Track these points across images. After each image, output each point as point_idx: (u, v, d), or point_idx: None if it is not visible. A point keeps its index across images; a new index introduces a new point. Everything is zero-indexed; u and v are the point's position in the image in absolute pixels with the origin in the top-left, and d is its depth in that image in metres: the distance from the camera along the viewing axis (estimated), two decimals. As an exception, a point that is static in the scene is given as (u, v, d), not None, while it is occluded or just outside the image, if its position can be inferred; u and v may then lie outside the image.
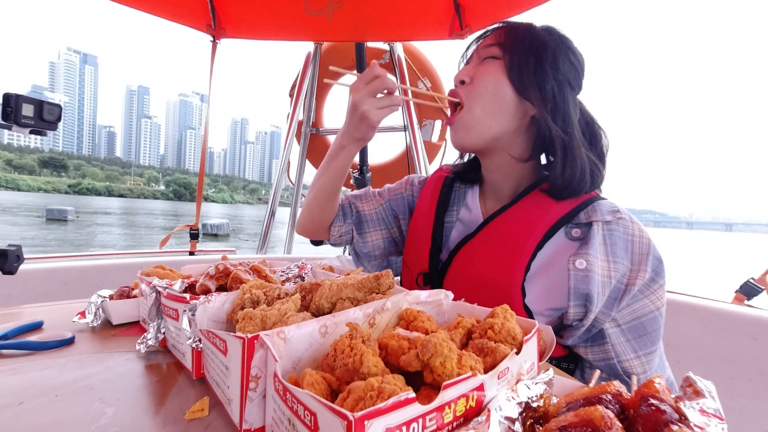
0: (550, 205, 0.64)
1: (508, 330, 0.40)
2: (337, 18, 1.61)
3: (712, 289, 1.20)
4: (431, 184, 0.82)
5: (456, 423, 0.29)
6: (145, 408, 0.42)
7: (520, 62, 0.64)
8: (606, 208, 0.62)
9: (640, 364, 0.59)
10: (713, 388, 0.30)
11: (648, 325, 0.59)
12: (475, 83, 0.66)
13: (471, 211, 0.75)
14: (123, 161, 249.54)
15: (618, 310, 0.59)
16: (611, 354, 0.59)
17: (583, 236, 0.61)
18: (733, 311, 1.00)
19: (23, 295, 1.23)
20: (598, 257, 0.58)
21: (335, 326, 0.40)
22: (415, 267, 0.76)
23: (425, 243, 0.75)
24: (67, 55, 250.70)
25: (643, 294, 0.59)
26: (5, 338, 0.59)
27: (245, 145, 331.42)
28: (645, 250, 0.60)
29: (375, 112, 0.66)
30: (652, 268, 0.59)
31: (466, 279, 0.67)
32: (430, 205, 0.78)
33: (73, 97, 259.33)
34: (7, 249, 0.72)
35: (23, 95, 0.72)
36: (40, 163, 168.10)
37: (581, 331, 0.59)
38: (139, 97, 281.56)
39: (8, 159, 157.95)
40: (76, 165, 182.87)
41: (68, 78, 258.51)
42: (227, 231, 22.79)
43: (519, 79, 0.63)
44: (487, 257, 0.65)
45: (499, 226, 0.67)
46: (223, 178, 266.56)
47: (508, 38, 0.66)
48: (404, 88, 0.79)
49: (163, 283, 0.57)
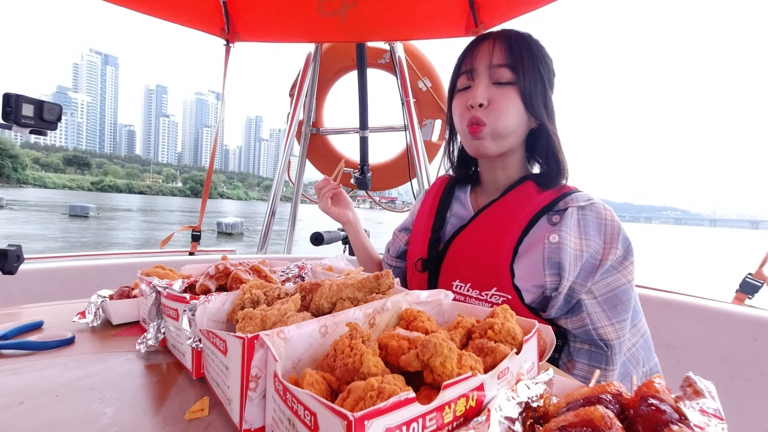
0: (533, 196, 0.74)
1: (508, 330, 0.40)
2: (350, 19, 1.61)
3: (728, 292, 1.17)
4: (434, 188, 0.92)
5: (456, 423, 0.29)
6: (145, 408, 0.42)
7: (532, 86, 0.72)
8: (582, 197, 0.71)
9: (613, 330, 0.65)
10: (713, 388, 0.30)
11: (621, 296, 0.66)
12: (494, 105, 0.72)
13: (464, 206, 0.84)
14: (143, 159, 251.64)
15: (593, 282, 0.66)
16: (587, 322, 0.65)
17: (561, 220, 0.69)
18: (733, 311, 1.00)
19: (23, 295, 1.23)
20: (570, 234, 0.67)
21: (335, 326, 0.40)
22: (415, 255, 0.83)
23: (426, 234, 0.83)
24: (90, 56, 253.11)
25: (616, 269, 0.67)
26: (5, 338, 0.59)
27: (259, 142, 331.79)
28: (616, 231, 0.68)
29: (322, 207, 0.99)
30: (623, 247, 0.68)
31: (460, 264, 0.75)
32: (432, 204, 0.87)
33: (95, 97, 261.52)
34: (7, 249, 0.72)
35: (23, 95, 0.72)
36: (65, 161, 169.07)
37: (560, 301, 0.66)
38: (158, 97, 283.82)
39: (36, 157, 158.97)
40: (98, 163, 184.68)
41: (90, 79, 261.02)
42: (241, 230, 23.20)
43: (531, 104, 0.72)
44: (479, 243, 0.74)
45: (489, 216, 0.76)
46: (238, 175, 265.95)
47: (518, 60, 0.72)
48: (333, 180, 1.03)
49: (163, 283, 0.57)
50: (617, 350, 0.65)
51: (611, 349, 0.65)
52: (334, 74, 2.22)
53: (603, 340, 0.65)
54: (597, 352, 0.66)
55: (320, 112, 2.27)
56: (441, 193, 0.88)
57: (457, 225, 0.81)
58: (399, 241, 0.96)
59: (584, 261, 0.67)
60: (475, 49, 0.75)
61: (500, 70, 0.72)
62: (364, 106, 2.01)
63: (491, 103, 0.72)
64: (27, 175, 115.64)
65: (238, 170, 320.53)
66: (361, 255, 1.03)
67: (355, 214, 1.04)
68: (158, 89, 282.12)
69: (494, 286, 0.69)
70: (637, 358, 0.68)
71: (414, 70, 2.05)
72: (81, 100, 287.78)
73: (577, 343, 0.67)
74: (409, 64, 2.01)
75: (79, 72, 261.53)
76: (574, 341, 0.68)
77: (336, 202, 1.03)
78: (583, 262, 0.66)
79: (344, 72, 2.21)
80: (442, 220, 0.83)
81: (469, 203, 0.83)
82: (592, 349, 0.66)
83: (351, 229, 1.03)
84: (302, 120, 2.13)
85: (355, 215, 1.04)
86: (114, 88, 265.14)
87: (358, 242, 1.03)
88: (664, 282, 3.53)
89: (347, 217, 1.02)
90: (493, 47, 0.73)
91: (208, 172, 1.88)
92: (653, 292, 1.13)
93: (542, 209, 0.71)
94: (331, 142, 2.34)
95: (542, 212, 0.71)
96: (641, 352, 0.68)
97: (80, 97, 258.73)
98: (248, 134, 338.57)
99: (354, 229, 1.03)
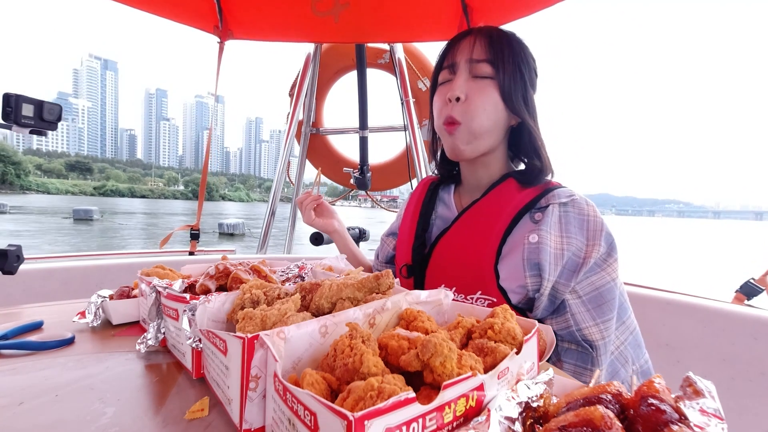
0: (514, 195, 0.73)
1: (508, 330, 0.40)
2: (343, 19, 1.61)
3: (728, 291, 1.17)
4: (417, 190, 0.91)
5: (456, 423, 0.29)
6: (145, 408, 0.42)
7: (511, 82, 0.70)
8: (563, 193, 0.70)
9: (598, 331, 0.64)
10: (713, 388, 0.30)
11: (606, 294, 0.65)
12: (471, 102, 0.71)
13: (448, 208, 0.83)
14: (144, 163, 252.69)
15: (576, 281, 0.65)
16: (571, 323, 0.64)
17: (542, 219, 0.68)
18: (733, 311, 1.00)
19: (23, 295, 1.23)
20: (551, 233, 0.66)
21: (335, 326, 0.40)
22: (401, 260, 0.83)
23: (410, 238, 0.82)
24: (89, 61, 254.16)
25: (600, 267, 0.66)
26: (5, 338, 0.59)
27: (260, 143, 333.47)
28: (599, 228, 0.67)
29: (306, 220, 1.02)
30: (606, 244, 0.66)
31: (445, 267, 0.74)
32: (415, 207, 0.87)
33: (95, 102, 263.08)
34: (7, 249, 0.72)
35: (23, 95, 0.72)
36: (67, 166, 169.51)
37: (543, 301, 0.65)
38: (158, 100, 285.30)
39: (38, 164, 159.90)
40: (100, 168, 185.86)
41: (91, 84, 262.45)
42: (243, 230, 23.16)
43: (510, 99, 0.71)
44: (462, 246, 0.73)
45: (471, 217, 0.75)
46: (239, 177, 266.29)
47: (498, 56, 0.71)
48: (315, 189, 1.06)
49: (163, 283, 0.57)
50: (602, 351, 0.64)
51: (596, 350, 0.63)
52: (334, 74, 2.22)
53: (587, 341, 0.64)
54: (584, 353, 0.65)
55: (320, 112, 2.27)
56: (424, 196, 0.87)
57: (441, 227, 0.79)
58: (387, 246, 0.96)
59: (566, 260, 0.66)
60: (457, 44, 0.75)
61: (480, 64, 0.71)
62: (364, 106, 2.02)
63: (468, 99, 0.71)
64: (30, 182, 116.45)
65: (239, 172, 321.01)
66: (351, 263, 1.03)
67: (341, 222, 1.05)
68: (158, 93, 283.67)
69: (479, 290, 0.68)
70: (626, 356, 0.67)
71: (414, 70, 2.05)
72: (82, 105, 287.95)
73: (564, 342, 0.67)
74: (408, 64, 2.01)
75: (79, 77, 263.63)
76: (562, 341, 0.67)
77: (320, 213, 1.04)
78: (564, 261, 0.65)
79: (344, 72, 2.21)
80: (426, 223, 0.82)
81: (453, 204, 0.82)
82: (579, 349, 0.65)
83: (338, 238, 1.04)
84: (302, 120, 2.13)
85: (341, 224, 1.05)
86: (114, 92, 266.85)
87: (346, 250, 1.04)
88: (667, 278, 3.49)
89: (333, 226, 1.02)
90: (474, 42, 0.72)
91: (203, 170, 1.88)
92: (653, 292, 1.13)
93: (524, 207, 0.70)
94: (331, 142, 2.34)
95: (524, 210, 0.70)
96: (630, 350, 0.67)
97: (81, 102, 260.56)
98: (248, 136, 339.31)
99: (341, 238, 1.04)
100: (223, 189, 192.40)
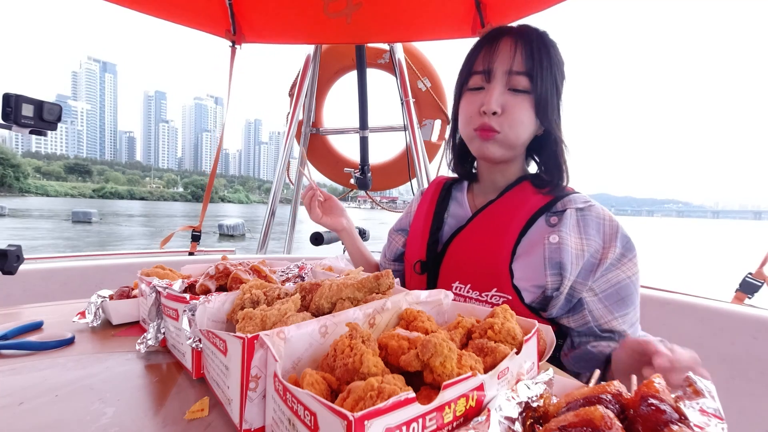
0: (530, 197, 0.74)
1: (508, 330, 0.40)
2: (355, 20, 1.60)
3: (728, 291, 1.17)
4: (431, 189, 0.92)
5: (456, 423, 0.29)
6: (145, 408, 0.42)
7: (546, 96, 0.71)
8: (579, 198, 0.72)
9: (618, 324, 0.66)
10: (713, 388, 0.30)
11: (622, 291, 0.67)
12: (508, 115, 0.71)
13: (462, 206, 0.84)
14: (143, 165, 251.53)
15: (594, 280, 0.67)
16: (588, 319, 0.67)
17: (560, 221, 0.70)
18: (733, 311, 1.00)
19: (23, 295, 1.23)
20: (571, 234, 0.68)
21: (335, 326, 0.40)
22: (413, 257, 0.83)
23: (424, 236, 0.83)
24: (88, 64, 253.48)
25: (615, 266, 0.68)
26: (5, 338, 0.59)
27: (259, 145, 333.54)
28: (614, 230, 0.69)
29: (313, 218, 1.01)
30: (622, 245, 0.68)
31: (459, 265, 0.75)
32: (429, 205, 0.87)
33: (94, 104, 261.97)
34: (7, 249, 0.72)
35: (23, 95, 0.72)
36: (66, 169, 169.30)
37: (561, 300, 0.67)
38: (157, 102, 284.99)
39: (37, 166, 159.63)
40: (99, 170, 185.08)
41: (89, 86, 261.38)
42: (243, 231, 23.12)
43: (545, 113, 0.72)
44: (477, 244, 0.74)
45: (487, 217, 0.76)
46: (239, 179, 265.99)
47: (537, 69, 0.70)
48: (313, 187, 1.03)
49: (163, 283, 0.57)
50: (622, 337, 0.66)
51: (619, 336, 0.66)
52: (334, 74, 2.22)
53: (611, 332, 0.66)
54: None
55: (320, 112, 2.27)
56: (438, 195, 0.88)
57: (455, 226, 0.80)
58: (395, 243, 0.96)
59: (585, 260, 0.67)
60: (495, 48, 0.71)
61: (518, 77, 0.69)
62: (364, 106, 2.01)
63: (505, 111, 0.71)
64: (29, 184, 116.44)
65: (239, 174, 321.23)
66: (358, 261, 1.03)
67: (349, 220, 1.04)
68: (157, 95, 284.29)
69: (494, 287, 0.69)
70: None
71: (413, 70, 2.05)
72: (80, 107, 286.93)
73: (582, 337, 0.68)
74: (408, 65, 2.01)
75: (78, 80, 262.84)
76: (579, 336, 0.69)
77: (328, 211, 1.03)
78: (584, 261, 0.67)
79: (344, 72, 2.21)
80: (440, 221, 0.83)
81: (467, 204, 0.83)
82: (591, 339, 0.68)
83: (346, 237, 1.03)
84: (302, 120, 2.13)
85: (349, 222, 1.04)
86: (113, 95, 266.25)
87: (354, 249, 1.03)
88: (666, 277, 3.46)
89: (341, 225, 1.02)
90: (515, 50, 0.70)
91: (211, 172, 1.87)
92: (653, 291, 1.13)
93: (539, 210, 0.72)
94: (331, 143, 2.34)
95: (539, 213, 0.71)
96: None
97: (80, 105, 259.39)
98: (248, 138, 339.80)
99: (349, 236, 1.03)
100: (223, 191, 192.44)
